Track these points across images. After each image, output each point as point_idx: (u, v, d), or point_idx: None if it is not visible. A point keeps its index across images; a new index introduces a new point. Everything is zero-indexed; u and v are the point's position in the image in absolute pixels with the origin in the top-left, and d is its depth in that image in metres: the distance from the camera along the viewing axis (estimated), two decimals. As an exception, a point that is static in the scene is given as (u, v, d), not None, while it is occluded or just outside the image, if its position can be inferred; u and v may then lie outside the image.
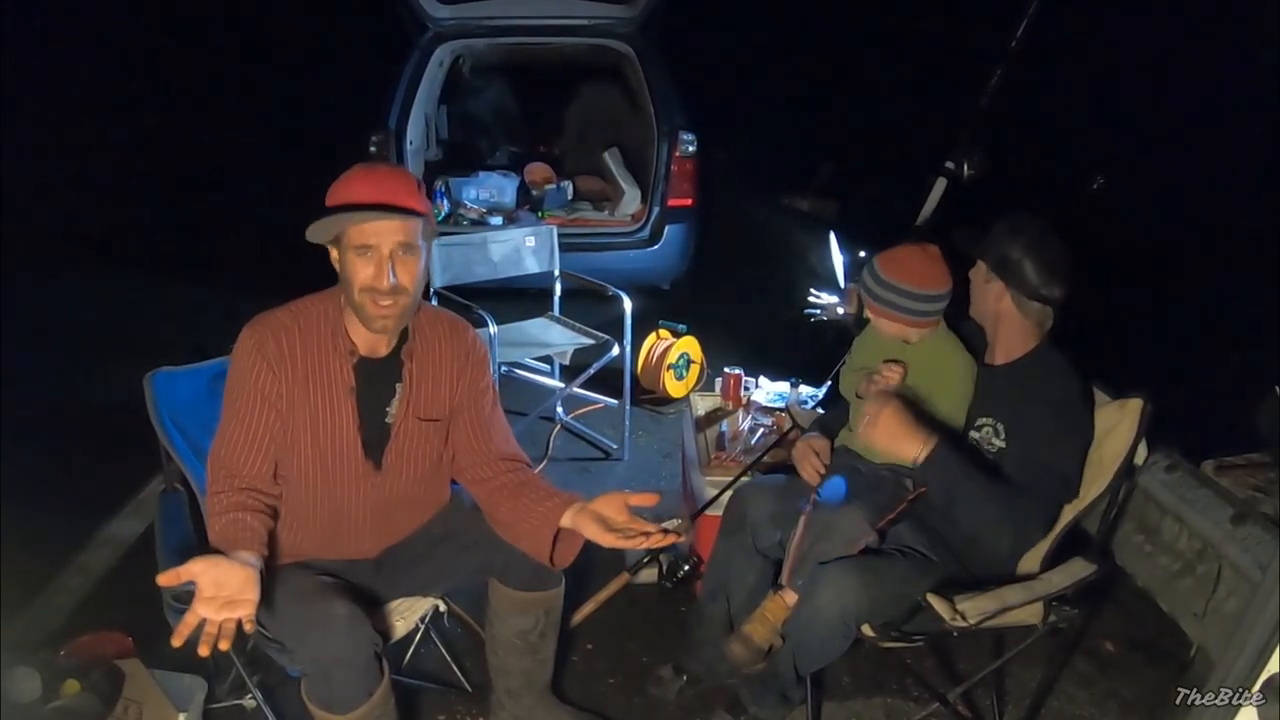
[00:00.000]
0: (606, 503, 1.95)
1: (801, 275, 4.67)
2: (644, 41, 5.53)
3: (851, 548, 2.20)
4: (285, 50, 8.35)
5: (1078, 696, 2.70)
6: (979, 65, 3.62)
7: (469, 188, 5.63)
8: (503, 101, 6.58)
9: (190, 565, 1.66)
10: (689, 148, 5.18)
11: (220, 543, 1.83)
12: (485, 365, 2.18)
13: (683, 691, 2.62)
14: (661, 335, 4.46)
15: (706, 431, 3.20)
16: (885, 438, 2.10)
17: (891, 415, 2.09)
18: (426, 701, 2.57)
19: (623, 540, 1.90)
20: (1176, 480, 2.77)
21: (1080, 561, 2.20)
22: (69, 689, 2.12)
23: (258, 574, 1.73)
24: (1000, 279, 2.19)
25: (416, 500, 2.19)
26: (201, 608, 1.63)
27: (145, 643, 2.36)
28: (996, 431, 2.21)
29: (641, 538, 1.90)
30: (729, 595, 2.49)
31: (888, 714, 2.61)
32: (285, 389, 1.96)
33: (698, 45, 6.93)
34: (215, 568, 1.68)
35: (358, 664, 1.90)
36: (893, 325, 2.27)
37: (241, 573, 1.70)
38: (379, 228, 1.86)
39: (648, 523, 1.91)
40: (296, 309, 2.01)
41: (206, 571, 1.66)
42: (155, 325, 4.99)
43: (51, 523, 3.17)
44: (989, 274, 2.22)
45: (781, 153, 7.61)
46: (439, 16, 5.49)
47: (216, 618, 1.63)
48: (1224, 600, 2.53)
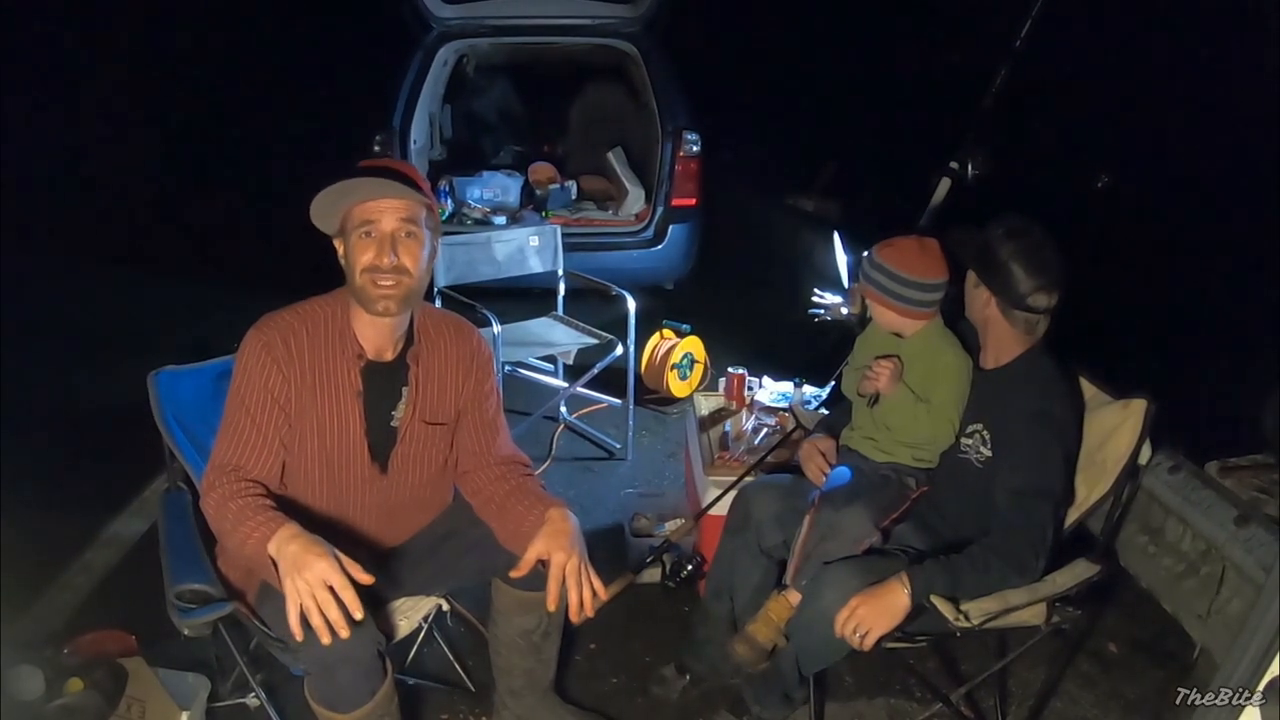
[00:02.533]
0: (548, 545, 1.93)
1: (805, 275, 4.67)
2: (648, 41, 5.53)
3: (856, 547, 2.21)
4: (289, 49, 8.35)
5: (1081, 697, 2.69)
6: (983, 65, 3.63)
7: (473, 187, 5.63)
8: (507, 101, 6.58)
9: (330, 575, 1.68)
10: (693, 147, 5.18)
11: (240, 521, 1.81)
12: (490, 367, 2.18)
13: (686, 691, 2.62)
14: (665, 335, 4.46)
15: (710, 431, 3.19)
16: (878, 618, 2.03)
17: (866, 603, 2.04)
18: (429, 701, 2.58)
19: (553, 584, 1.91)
20: (1180, 481, 2.77)
21: (1084, 562, 2.20)
22: (72, 687, 2.12)
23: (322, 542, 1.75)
24: (986, 287, 2.18)
25: (421, 503, 2.19)
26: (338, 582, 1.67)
27: (148, 641, 2.37)
28: (984, 440, 2.20)
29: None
30: (733, 595, 2.50)
31: (890, 714, 2.61)
32: (294, 391, 1.95)
33: (702, 45, 6.93)
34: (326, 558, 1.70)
35: (361, 663, 1.89)
36: (885, 313, 2.28)
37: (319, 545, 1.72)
38: (380, 205, 1.87)
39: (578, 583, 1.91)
40: (303, 311, 2.01)
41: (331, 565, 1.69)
42: (158, 324, 4.99)
43: (55, 521, 3.18)
44: (977, 280, 2.21)
45: (785, 152, 7.61)
46: (443, 16, 5.50)
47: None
48: (1227, 601, 2.53)
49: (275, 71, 8.31)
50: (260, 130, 7.84)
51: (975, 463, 2.22)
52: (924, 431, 2.29)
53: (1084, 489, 2.23)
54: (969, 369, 2.28)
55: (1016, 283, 2.11)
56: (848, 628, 2.04)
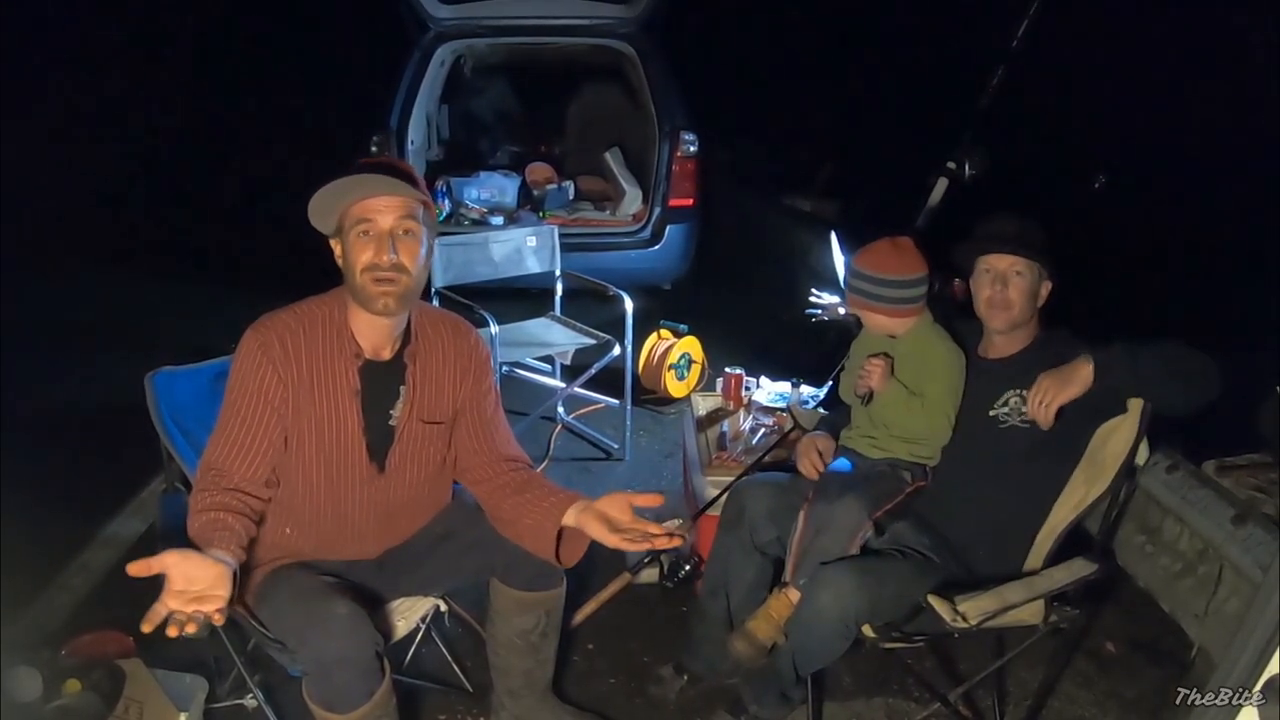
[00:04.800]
0: (610, 503, 1.95)
1: (803, 275, 4.67)
2: (645, 41, 5.53)
3: (851, 540, 2.21)
4: (286, 50, 8.34)
5: (1079, 697, 2.70)
6: (980, 65, 3.63)
7: (470, 188, 5.63)
8: (504, 101, 6.59)
9: (163, 557, 1.63)
10: (690, 148, 5.19)
11: (197, 539, 1.82)
12: (488, 366, 2.18)
13: (684, 691, 2.62)
14: (663, 335, 4.46)
15: (708, 431, 3.20)
16: (1063, 387, 2.10)
17: (1051, 374, 2.12)
18: (427, 701, 2.57)
19: (627, 541, 1.90)
20: (1178, 480, 2.77)
21: (1081, 561, 2.21)
22: (70, 688, 2.12)
23: (231, 572, 1.71)
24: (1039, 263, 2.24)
25: (419, 502, 2.19)
26: (171, 600, 1.61)
27: (146, 642, 2.35)
28: (1025, 400, 2.20)
29: (646, 540, 1.89)
30: (728, 592, 2.50)
31: (889, 714, 2.61)
32: (290, 392, 1.95)
33: (699, 45, 6.93)
34: (187, 561, 1.65)
35: (359, 664, 1.89)
36: (877, 318, 2.31)
37: (214, 569, 1.67)
38: (377, 204, 1.87)
39: (652, 524, 1.91)
40: (300, 311, 2.01)
41: (178, 565, 1.64)
42: (156, 324, 4.99)
43: (53, 522, 3.17)
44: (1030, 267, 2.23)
45: (783, 153, 7.61)
46: (440, 16, 5.49)
47: (186, 610, 1.61)
48: (1225, 601, 2.53)
49: (274, 71, 8.29)
50: (258, 130, 7.84)
51: (1019, 424, 2.23)
52: (919, 426, 2.30)
53: (1082, 487, 2.23)
54: (962, 362, 2.31)
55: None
56: (1035, 400, 2.11)
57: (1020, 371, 2.25)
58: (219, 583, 1.67)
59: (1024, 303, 2.24)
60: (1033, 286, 2.24)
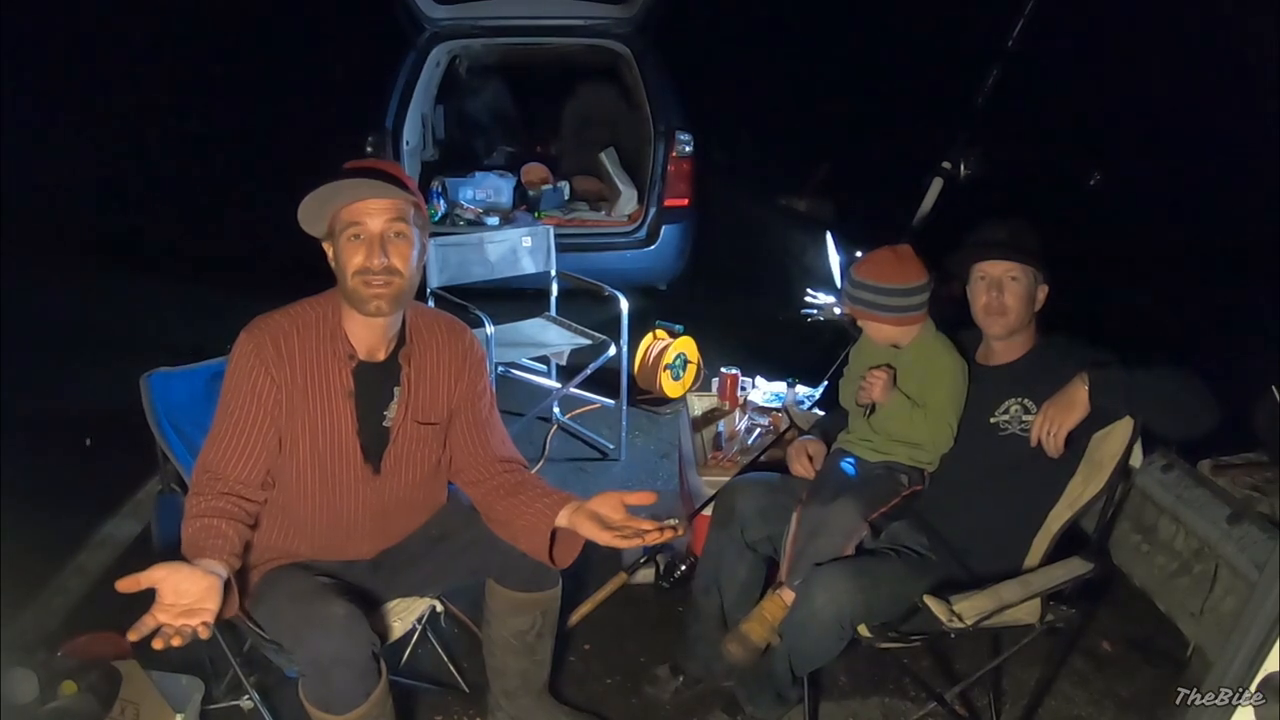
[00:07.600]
0: (603, 501, 1.95)
1: (798, 275, 4.68)
2: (641, 42, 5.53)
3: (846, 541, 2.21)
4: (282, 50, 8.33)
5: (1075, 696, 2.70)
6: (976, 65, 3.63)
7: (465, 188, 5.63)
8: (499, 102, 6.58)
9: (151, 572, 1.65)
10: (686, 148, 5.19)
11: (189, 548, 1.82)
12: (483, 367, 2.18)
13: (679, 691, 2.62)
14: (658, 335, 4.46)
15: (703, 431, 3.20)
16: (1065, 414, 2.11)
17: (1052, 404, 2.13)
18: (424, 702, 2.57)
19: (620, 539, 1.90)
20: (1173, 480, 2.78)
21: (1077, 560, 2.21)
22: (66, 690, 2.11)
23: (220, 584, 1.72)
24: (1033, 267, 2.24)
25: (415, 503, 2.19)
26: (160, 613, 1.62)
27: (142, 644, 2.35)
28: (1026, 409, 2.21)
29: (639, 536, 1.89)
30: (721, 589, 2.50)
31: (885, 714, 2.61)
32: (284, 394, 1.95)
33: (694, 45, 6.92)
34: (176, 574, 1.67)
35: (356, 664, 1.89)
36: (881, 328, 2.31)
37: (203, 581, 1.69)
38: (367, 206, 1.87)
39: (645, 520, 1.91)
40: (294, 312, 2.00)
41: (167, 579, 1.65)
42: (152, 325, 4.98)
43: (49, 523, 3.15)
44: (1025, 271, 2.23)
45: (778, 153, 7.61)
46: (436, 16, 5.49)
47: (174, 623, 1.62)
48: (1221, 599, 2.54)
49: (270, 72, 8.29)
50: (255, 130, 7.83)
51: (1018, 432, 2.23)
52: (922, 435, 2.30)
53: (1078, 487, 2.24)
54: (964, 370, 2.31)
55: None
56: (1041, 431, 2.13)
57: (1020, 378, 2.26)
58: (208, 596, 1.68)
59: (1020, 308, 2.24)
60: (1028, 291, 2.24)
